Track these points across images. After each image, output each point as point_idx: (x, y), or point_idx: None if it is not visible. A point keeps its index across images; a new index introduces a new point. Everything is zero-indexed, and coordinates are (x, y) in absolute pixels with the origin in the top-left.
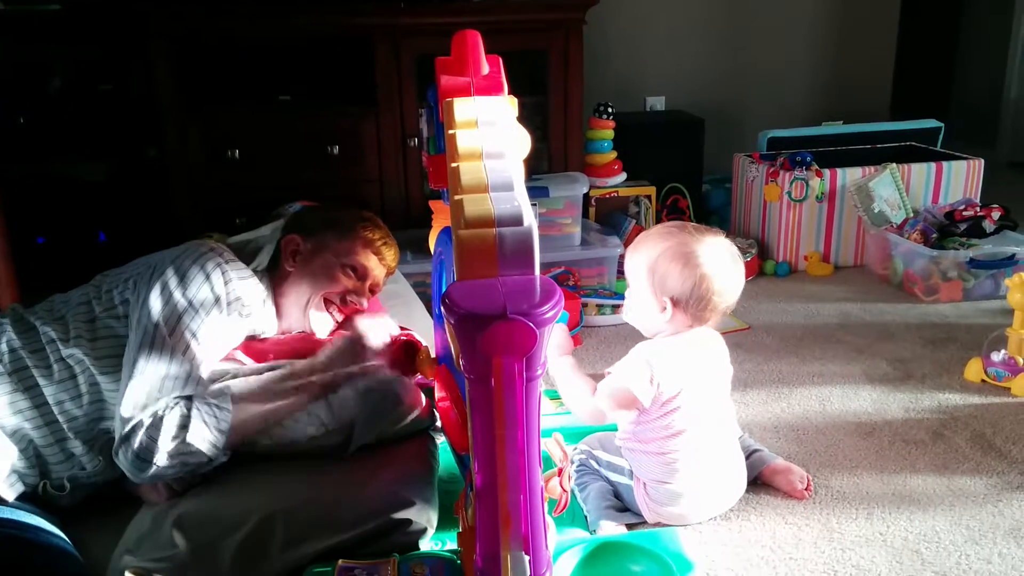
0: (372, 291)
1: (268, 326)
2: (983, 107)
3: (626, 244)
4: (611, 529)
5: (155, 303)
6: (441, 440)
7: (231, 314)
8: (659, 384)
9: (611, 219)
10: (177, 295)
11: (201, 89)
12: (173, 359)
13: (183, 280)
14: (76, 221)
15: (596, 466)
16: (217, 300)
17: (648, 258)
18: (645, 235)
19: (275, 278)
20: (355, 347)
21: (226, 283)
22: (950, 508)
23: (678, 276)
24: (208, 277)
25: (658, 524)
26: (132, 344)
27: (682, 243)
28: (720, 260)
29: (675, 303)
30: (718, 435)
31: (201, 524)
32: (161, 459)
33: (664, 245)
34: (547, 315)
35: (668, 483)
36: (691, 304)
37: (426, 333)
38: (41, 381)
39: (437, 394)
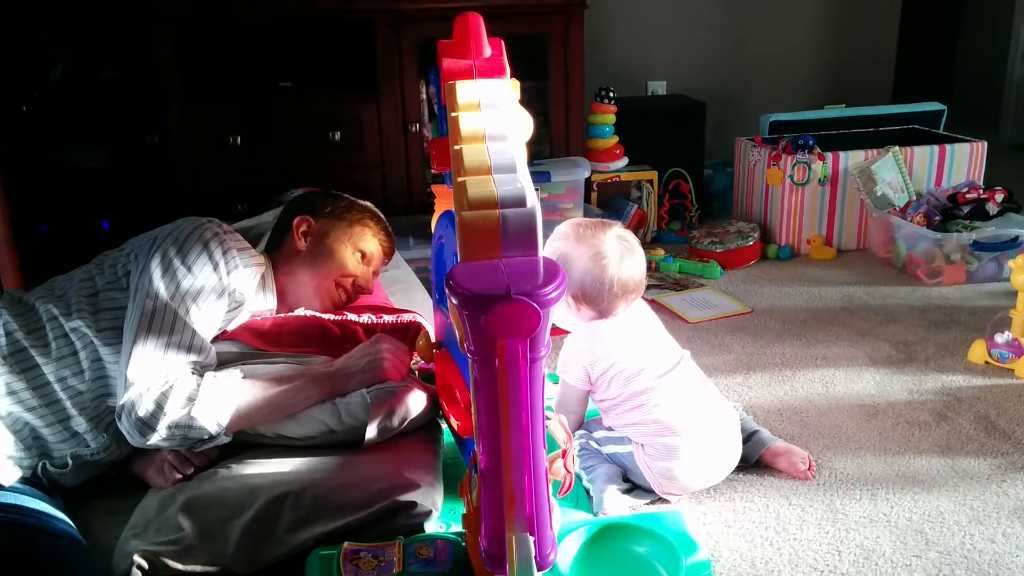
0: (374, 275)
1: (268, 300)
2: (986, 89)
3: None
4: (616, 510)
5: (155, 270)
6: (445, 425)
7: (230, 279)
8: (593, 365)
9: (613, 204)
10: (177, 262)
11: (202, 76)
12: (176, 323)
13: (182, 248)
14: (79, 209)
15: (597, 447)
16: (216, 267)
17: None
18: (550, 238)
19: (280, 256)
20: (373, 366)
21: (224, 251)
22: (954, 489)
23: (570, 277)
24: (206, 244)
25: (662, 488)
26: (133, 310)
27: (569, 245)
28: (609, 254)
29: (576, 300)
30: (689, 392)
31: (208, 507)
32: (164, 428)
33: (556, 250)
34: (551, 295)
35: (661, 437)
36: (590, 300)
37: (427, 318)
38: (40, 360)
39: (438, 379)
